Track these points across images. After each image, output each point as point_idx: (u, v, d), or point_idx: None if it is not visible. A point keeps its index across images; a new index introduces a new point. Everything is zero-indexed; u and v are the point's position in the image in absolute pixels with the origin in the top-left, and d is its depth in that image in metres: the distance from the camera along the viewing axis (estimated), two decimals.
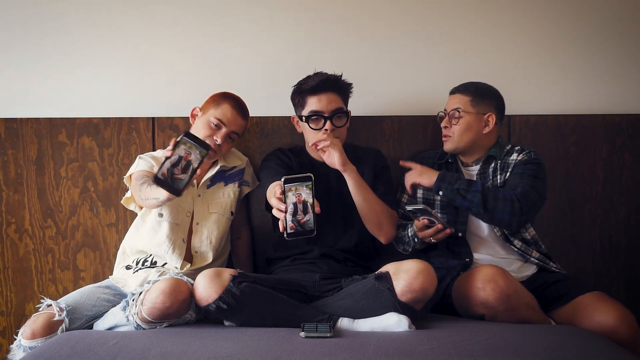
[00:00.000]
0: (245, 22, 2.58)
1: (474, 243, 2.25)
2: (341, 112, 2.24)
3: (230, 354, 1.65)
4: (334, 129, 2.21)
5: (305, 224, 1.80)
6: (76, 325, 2.03)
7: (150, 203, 2.07)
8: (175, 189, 1.82)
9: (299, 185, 1.79)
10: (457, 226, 2.23)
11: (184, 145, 1.82)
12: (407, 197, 2.37)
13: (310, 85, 2.22)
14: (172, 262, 2.20)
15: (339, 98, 2.24)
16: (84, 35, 2.56)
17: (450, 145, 2.29)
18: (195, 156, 1.83)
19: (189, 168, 1.82)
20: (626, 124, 2.58)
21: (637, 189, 2.57)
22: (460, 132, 2.26)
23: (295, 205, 1.79)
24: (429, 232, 2.11)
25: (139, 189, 2.13)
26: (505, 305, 1.92)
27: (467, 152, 2.31)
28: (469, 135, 2.26)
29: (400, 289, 1.88)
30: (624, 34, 2.61)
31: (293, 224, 1.79)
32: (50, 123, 2.52)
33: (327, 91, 2.22)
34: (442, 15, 2.60)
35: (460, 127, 2.26)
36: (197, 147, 1.83)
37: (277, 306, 1.94)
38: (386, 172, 2.36)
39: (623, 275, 2.56)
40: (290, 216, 1.79)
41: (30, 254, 2.52)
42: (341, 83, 2.26)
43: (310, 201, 1.79)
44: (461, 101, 2.27)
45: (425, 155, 2.41)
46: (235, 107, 2.27)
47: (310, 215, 1.80)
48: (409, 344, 1.71)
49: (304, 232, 1.80)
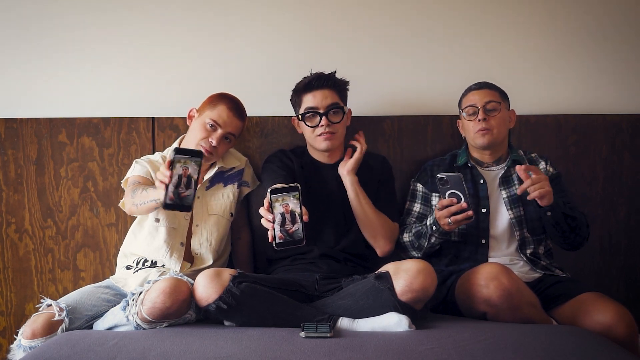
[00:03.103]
0: (246, 22, 2.57)
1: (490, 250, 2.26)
2: (337, 108, 2.23)
3: (230, 354, 1.65)
4: (329, 125, 2.21)
5: (294, 233, 1.80)
6: (76, 325, 2.03)
7: (146, 207, 2.05)
8: (186, 206, 1.83)
9: (285, 196, 1.79)
10: (479, 232, 2.23)
11: (179, 163, 1.81)
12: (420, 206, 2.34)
13: (303, 83, 2.24)
14: (171, 266, 2.20)
15: (334, 94, 2.24)
16: (84, 35, 2.56)
17: (490, 138, 2.23)
18: (193, 168, 1.82)
19: (192, 182, 1.82)
20: (626, 124, 2.57)
21: (637, 189, 2.57)
22: (499, 124, 2.23)
23: (283, 216, 1.79)
24: (452, 209, 2.02)
25: (131, 195, 2.12)
26: (508, 303, 1.92)
27: (496, 149, 2.29)
28: (505, 129, 2.26)
29: (401, 289, 1.88)
30: (624, 34, 2.61)
31: (282, 234, 1.79)
32: (50, 123, 2.52)
33: (321, 87, 2.22)
34: (442, 16, 2.59)
35: (499, 119, 2.23)
36: (191, 158, 1.82)
37: (277, 306, 1.93)
38: (390, 182, 2.37)
39: (623, 275, 2.56)
40: (279, 226, 1.79)
41: (30, 254, 2.52)
42: (335, 79, 2.26)
43: (298, 211, 1.79)
44: (493, 95, 2.25)
45: (435, 162, 2.38)
46: (231, 108, 2.26)
47: (299, 224, 1.79)
48: (409, 344, 1.71)
49: (293, 241, 1.80)
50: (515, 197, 2.25)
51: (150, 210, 2.09)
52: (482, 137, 2.24)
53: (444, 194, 2.06)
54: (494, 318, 1.97)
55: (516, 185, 2.27)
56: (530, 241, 2.25)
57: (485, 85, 2.28)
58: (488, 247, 2.24)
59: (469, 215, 2.03)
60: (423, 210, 2.33)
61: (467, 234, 2.22)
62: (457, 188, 2.03)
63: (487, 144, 2.25)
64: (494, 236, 2.25)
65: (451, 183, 2.03)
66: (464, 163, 2.31)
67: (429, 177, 2.33)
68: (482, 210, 2.25)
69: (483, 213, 2.25)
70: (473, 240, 2.23)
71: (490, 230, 2.25)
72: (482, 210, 2.25)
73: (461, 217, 2.03)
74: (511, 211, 2.25)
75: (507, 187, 2.28)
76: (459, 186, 2.02)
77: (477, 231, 2.24)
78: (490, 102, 2.23)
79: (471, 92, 2.29)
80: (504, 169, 2.30)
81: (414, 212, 2.34)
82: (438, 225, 2.11)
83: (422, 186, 2.34)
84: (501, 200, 2.27)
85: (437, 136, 2.55)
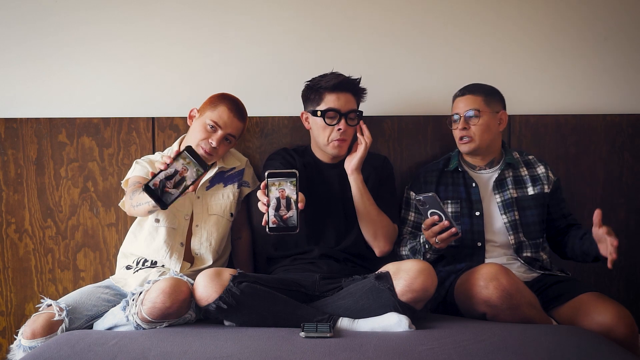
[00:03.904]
0: (246, 21, 2.57)
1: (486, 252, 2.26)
2: (356, 113, 2.25)
3: (230, 354, 1.65)
4: (347, 128, 2.22)
5: (288, 220, 1.78)
6: (76, 325, 2.03)
7: (140, 209, 2.05)
8: (163, 201, 1.80)
9: (282, 181, 1.77)
10: (474, 236, 2.24)
11: (183, 160, 1.79)
12: (414, 215, 2.34)
13: (331, 83, 2.22)
14: (171, 266, 2.20)
15: (354, 99, 2.26)
16: (84, 35, 2.56)
17: (472, 146, 2.25)
18: (191, 174, 1.81)
19: (182, 184, 1.80)
20: (626, 124, 2.58)
21: (637, 189, 2.57)
22: (481, 132, 2.24)
23: (279, 200, 1.77)
24: (434, 229, 2.04)
25: (130, 196, 2.12)
26: (507, 304, 1.92)
27: (483, 154, 2.30)
28: (489, 134, 2.25)
29: (401, 289, 1.88)
30: (624, 34, 2.61)
31: (275, 218, 1.77)
32: (50, 123, 2.52)
33: (346, 91, 2.23)
34: (442, 16, 2.59)
35: (480, 127, 2.23)
36: (196, 165, 1.81)
37: (277, 306, 1.93)
38: (391, 181, 2.37)
39: (623, 275, 2.56)
40: (273, 210, 1.77)
41: (30, 254, 2.52)
42: (359, 87, 2.27)
43: (294, 197, 1.77)
44: (475, 101, 2.25)
45: (428, 168, 2.38)
46: (231, 110, 2.25)
47: (294, 211, 1.77)
48: (409, 344, 1.71)
49: (286, 227, 1.78)
50: (509, 202, 2.26)
51: (145, 212, 2.07)
52: (463, 144, 2.27)
53: (425, 214, 2.07)
54: (494, 318, 1.97)
55: (510, 189, 2.27)
56: (528, 245, 2.25)
57: (468, 91, 2.27)
58: (484, 249, 2.24)
59: (452, 233, 2.03)
60: (417, 219, 2.33)
61: (462, 238, 2.22)
62: (435, 207, 2.04)
63: (469, 151, 2.27)
64: (489, 239, 2.25)
65: (429, 203, 2.04)
66: (455, 168, 2.31)
67: (422, 184, 2.33)
68: (476, 214, 2.25)
69: (477, 216, 2.25)
70: (468, 243, 2.24)
71: (485, 234, 2.25)
72: (476, 214, 2.25)
73: (446, 235, 2.04)
74: (505, 215, 2.25)
75: (500, 191, 2.28)
76: (436, 205, 2.03)
77: (472, 235, 2.24)
78: (470, 110, 2.24)
79: (456, 99, 2.30)
80: (497, 172, 2.30)
81: (409, 221, 2.34)
82: (429, 244, 2.12)
83: (415, 194, 2.32)
84: (495, 204, 2.27)
85: (437, 136, 2.55)
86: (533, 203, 2.27)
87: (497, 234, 2.26)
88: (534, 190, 2.28)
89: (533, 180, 2.29)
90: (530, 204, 2.27)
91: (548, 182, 2.29)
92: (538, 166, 2.32)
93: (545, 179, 2.29)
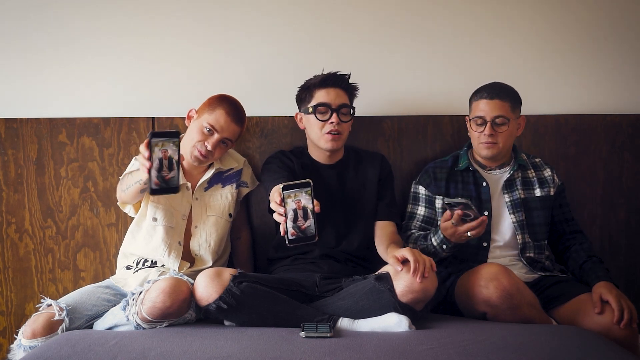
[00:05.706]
0: (246, 22, 2.57)
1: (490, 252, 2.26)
2: (348, 108, 2.24)
3: (230, 354, 1.65)
4: (339, 123, 2.22)
5: (307, 229, 1.78)
6: (76, 325, 2.03)
7: (132, 190, 2.02)
8: (172, 188, 1.79)
9: (297, 192, 1.77)
10: (481, 235, 2.18)
11: (157, 147, 1.76)
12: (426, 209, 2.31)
13: (319, 79, 2.24)
14: (170, 265, 2.20)
15: (345, 95, 2.26)
16: (84, 35, 2.55)
17: (494, 151, 2.22)
18: (172, 149, 1.77)
19: (173, 163, 1.78)
20: (626, 124, 2.57)
21: (637, 189, 2.57)
22: (506, 138, 2.21)
23: (295, 212, 1.77)
24: (466, 226, 1.99)
25: (119, 186, 2.13)
26: (507, 304, 1.92)
27: (501, 158, 2.29)
28: (511, 140, 2.25)
29: (401, 290, 1.88)
30: (624, 34, 2.61)
31: (294, 230, 1.77)
32: (50, 123, 2.52)
33: (335, 86, 2.24)
34: (443, 16, 2.59)
35: (506, 135, 2.20)
36: (168, 139, 1.77)
37: (277, 306, 1.94)
38: (391, 180, 2.37)
39: (623, 275, 2.56)
40: (291, 222, 1.77)
41: (30, 254, 2.52)
42: (348, 82, 2.28)
43: (310, 206, 1.77)
44: (503, 108, 2.20)
45: (435, 164, 2.35)
46: (229, 113, 2.23)
47: (311, 220, 1.78)
48: (409, 344, 1.71)
49: (305, 237, 1.78)
50: (517, 202, 2.26)
51: (137, 193, 2.05)
52: (486, 149, 2.22)
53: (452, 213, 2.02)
54: (494, 318, 1.97)
55: (518, 189, 2.27)
56: (532, 246, 2.25)
57: (497, 95, 2.21)
58: (489, 249, 2.24)
59: (483, 220, 2.00)
60: (428, 213, 2.30)
61: None
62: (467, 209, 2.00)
63: (491, 156, 2.25)
64: (495, 239, 2.25)
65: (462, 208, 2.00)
66: (466, 167, 2.30)
67: (432, 179, 2.30)
68: (485, 213, 2.23)
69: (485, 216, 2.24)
70: (474, 243, 2.22)
71: (492, 234, 2.24)
72: (485, 213, 2.23)
73: (481, 228, 2.00)
74: (513, 215, 2.25)
75: (509, 191, 2.27)
76: (469, 207, 1.99)
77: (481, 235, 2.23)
78: (499, 117, 2.19)
79: (482, 100, 2.22)
80: (509, 173, 2.29)
81: (418, 216, 2.31)
82: (448, 242, 2.07)
83: (425, 189, 2.31)
84: (504, 204, 2.27)
85: (437, 136, 2.55)
86: (540, 204, 2.27)
87: (503, 234, 2.25)
88: (540, 192, 2.28)
89: (540, 182, 2.30)
90: (537, 205, 2.27)
91: (554, 185, 2.30)
92: (545, 169, 2.33)
93: (552, 181, 2.30)
